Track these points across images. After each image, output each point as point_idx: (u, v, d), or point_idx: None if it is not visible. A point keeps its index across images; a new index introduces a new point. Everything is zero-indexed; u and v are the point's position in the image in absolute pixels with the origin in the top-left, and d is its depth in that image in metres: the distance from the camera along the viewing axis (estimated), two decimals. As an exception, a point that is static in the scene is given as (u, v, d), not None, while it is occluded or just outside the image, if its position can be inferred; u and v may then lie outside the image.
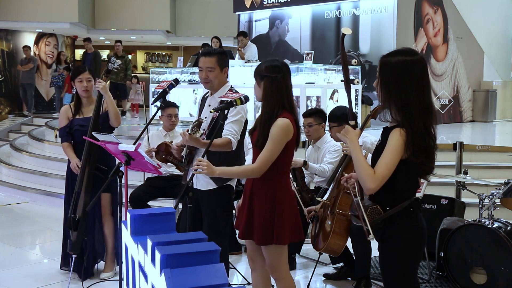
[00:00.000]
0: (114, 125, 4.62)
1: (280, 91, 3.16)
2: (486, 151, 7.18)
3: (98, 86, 4.46)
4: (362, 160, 2.61)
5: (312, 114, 5.07)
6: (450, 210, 4.91)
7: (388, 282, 2.78)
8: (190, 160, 3.82)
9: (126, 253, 2.23)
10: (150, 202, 5.39)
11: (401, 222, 2.67)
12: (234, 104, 3.35)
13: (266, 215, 3.17)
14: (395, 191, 2.65)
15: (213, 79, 3.81)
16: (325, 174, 4.92)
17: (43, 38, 16.16)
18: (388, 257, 2.75)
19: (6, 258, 5.37)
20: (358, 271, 4.51)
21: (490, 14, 12.47)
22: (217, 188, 3.80)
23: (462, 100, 11.91)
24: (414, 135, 2.55)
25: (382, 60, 2.67)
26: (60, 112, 4.80)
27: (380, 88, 2.66)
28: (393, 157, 2.56)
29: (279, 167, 3.19)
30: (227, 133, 3.62)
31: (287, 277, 3.32)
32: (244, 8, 12.90)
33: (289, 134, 3.13)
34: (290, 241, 3.25)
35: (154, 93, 10.36)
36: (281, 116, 3.13)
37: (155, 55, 22.32)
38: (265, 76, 3.16)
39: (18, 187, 8.19)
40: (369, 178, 2.56)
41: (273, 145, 3.10)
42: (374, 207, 2.65)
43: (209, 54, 3.81)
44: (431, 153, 2.63)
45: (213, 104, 3.83)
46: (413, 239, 2.69)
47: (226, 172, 3.27)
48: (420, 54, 2.73)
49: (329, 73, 9.66)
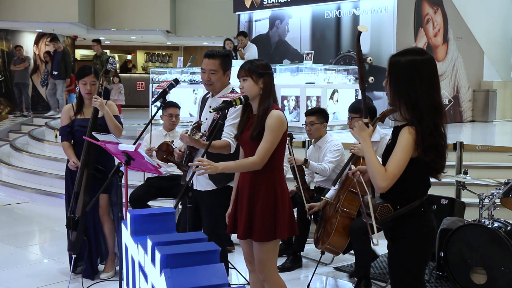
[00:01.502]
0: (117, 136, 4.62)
1: (273, 87, 3.32)
2: (486, 151, 7.18)
3: (95, 103, 4.43)
4: (374, 159, 2.63)
5: (315, 113, 5.07)
6: (450, 210, 4.91)
7: (396, 281, 2.79)
8: (191, 160, 3.81)
9: (126, 253, 2.23)
10: (150, 202, 5.39)
11: (412, 222, 2.68)
12: (233, 104, 3.35)
13: (268, 210, 3.19)
14: (406, 190, 2.66)
15: (215, 81, 3.79)
16: (326, 173, 4.93)
17: (43, 38, 16.16)
18: (397, 256, 2.76)
19: (6, 258, 5.37)
20: (358, 271, 4.51)
21: (490, 14, 12.47)
22: (217, 189, 3.80)
23: (462, 100, 11.91)
24: (424, 133, 2.57)
25: (391, 59, 2.69)
26: (62, 111, 4.81)
27: (390, 87, 2.68)
28: (403, 155, 2.58)
29: (277, 162, 3.25)
30: (227, 136, 3.60)
31: (276, 278, 3.31)
32: (244, 8, 12.89)
33: (284, 125, 3.21)
34: (289, 235, 3.27)
35: (154, 93, 10.36)
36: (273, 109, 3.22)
37: (155, 55, 22.31)
38: (265, 73, 3.26)
39: (18, 187, 8.19)
40: (380, 176, 2.57)
41: (271, 135, 3.15)
42: (384, 205, 2.66)
43: (212, 56, 3.77)
44: (441, 151, 2.65)
45: (214, 105, 3.79)
46: (423, 239, 2.70)
47: (228, 167, 3.28)
48: (429, 54, 2.74)
49: (329, 73, 9.67)
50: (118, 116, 4.73)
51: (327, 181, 5.03)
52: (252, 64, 3.28)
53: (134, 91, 18.32)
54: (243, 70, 3.27)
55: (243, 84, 3.27)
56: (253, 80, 3.24)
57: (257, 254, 3.28)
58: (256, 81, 3.24)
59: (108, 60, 4.59)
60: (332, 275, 4.95)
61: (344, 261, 5.17)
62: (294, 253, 5.04)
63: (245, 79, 3.25)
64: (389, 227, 2.73)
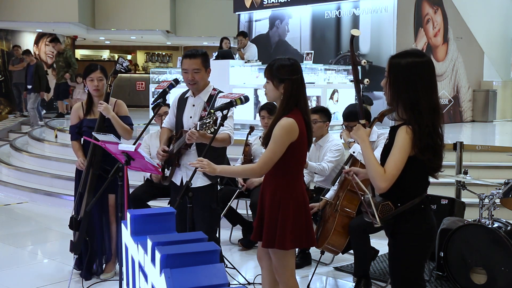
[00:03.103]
0: (126, 139, 4.62)
1: (299, 92, 3.13)
2: (486, 151, 7.18)
3: (100, 108, 4.44)
4: (373, 160, 2.66)
5: (318, 111, 5.10)
6: (450, 210, 4.91)
7: (396, 277, 2.82)
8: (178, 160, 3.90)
9: (126, 253, 2.23)
10: (150, 202, 5.39)
11: (412, 219, 2.71)
12: (234, 104, 3.36)
13: (271, 217, 3.13)
14: (405, 188, 2.69)
15: (199, 80, 3.89)
16: (325, 173, 4.93)
17: (43, 38, 16.16)
18: (398, 252, 2.79)
19: (6, 258, 5.37)
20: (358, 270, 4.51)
21: (490, 14, 12.47)
22: (211, 184, 3.88)
23: (462, 100, 11.90)
24: (422, 133, 2.60)
25: (391, 61, 2.72)
26: (72, 110, 4.80)
27: (389, 88, 2.71)
28: (401, 155, 2.61)
29: (285, 169, 3.12)
30: (225, 129, 3.68)
31: (290, 282, 3.23)
32: (244, 8, 12.89)
33: (291, 134, 3.06)
34: (293, 247, 3.17)
35: (154, 93, 10.36)
36: (288, 116, 3.07)
37: (155, 55, 22.31)
38: (286, 79, 3.09)
39: (18, 187, 8.18)
40: (379, 177, 2.61)
41: (274, 145, 3.05)
42: (385, 203, 2.69)
43: (194, 56, 3.87)
44: (438, 151, 2.69)
45: (197, 104, 3.93)
46: (423, 236, 2.73)
47: (227, 171, 3.29)
48: (428, 56, 2.79)
49: (329, 73, 9.67)
50: (128, 117, 4.70)
51: (326, 181, 5.03)
52: (276, 66, 3.12)
53: (134, 91, 18.30)
54: (267, 72, 3.16)
55: (266, 85, 3.18)
56: (273, 85, 3.13)
57: (272, 257, 3.23)
58: (276, 86, 3.12)
59: (117, 61, 4.58)
60: (332, 275, 4.96)
61: (344, 261, 5.17)
62: (303, 251, 5.07)
63: (268, 82, 3.15)
64: (389, 224, 2.75)
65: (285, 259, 3.20)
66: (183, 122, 3.97)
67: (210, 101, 3.90)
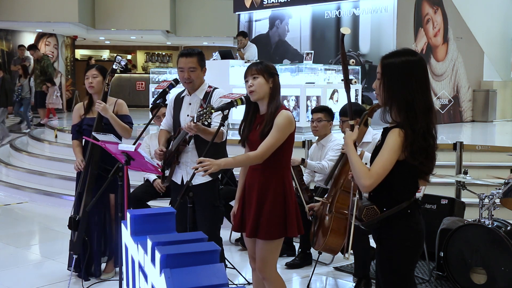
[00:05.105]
0: (125, 138, 4.63)
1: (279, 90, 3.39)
2: (486, 151, 7.18)
3: (97, 108, 4.45)
4: (357, 159, 2.63)
5: (322, 110, 5.14)
6: (450, 210, 4.92)
7: (384, 283, 2.76)
8: (177, 157, 3.91)
9: (126, 253, 2.23)
10: (150, 202, 5.39)
11: (398, 224, 2.66)
12: (235, 104, 3.36)
13: (278, 208, 3.24)
14: (393, 192, 2.64)
15: (195, 79, 3.93)
16: (325, 171, 4.93)
17: (43, 38, 16.16)
18: (385, 258, 2.73)
19: (6, 258, 5.36)
20: (358, 270, 4.51)
21: (490, 14, 12.46)
22: (211, 180, 3.91)
23: (462, 100, 11.90)
24: (416, 136, 2.55)
25: (384, 61, 2.65)
26: (74, 110, 4.83)
27: (383, 89, 2.64)
28: (389, 156, 2.56)
29: (286, 161, 3.34)
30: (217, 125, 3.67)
31: (276, 276, 3.35)
32: (244, 8, 12.89)
33: (292, 125, 3.27)
34: (299, 233, 3.34)
35: (154, 93, 10.36)
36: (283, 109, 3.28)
37: (155, 55, 22.31)
38: (275, 74, 3.35)
39: (18, 187, 8.18)
40: (363, 175, 2.57)
41: (278, 133, 3.20)
42: (370, 207, 2.64)
43: (190, 54, 3.92)
44: (431, 153, 2.62)
45: (194, 102, 3.97)
46: (410, 241, 2.67)
47: (230, 163, 3.37)
48: (420, 54, 2.74)
49: (329, 73, 9.66)
50: (128, 116, 4.71)
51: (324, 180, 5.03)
52: (263, 64, 3.37)
53: (134, 91, 18.30)
54: (254, 69, 3.32)
55: (253, 82, 3.29)
56: (264, 78, 3.29)
57: (260, 252, 3.31)
58: (267, 79, 3.30)
59: (115, 59, 4.58)
60: (332, 275, 4.96)
61: (344, 261, 5.16)
62: (303, 251, 5.07)
63: (256, 77, 3.29)
64: (375, 229, 2.71)
65: (278, 250, 3.34)
66: (180, 121, 3.99)
67: (206, 98, 3.95)
